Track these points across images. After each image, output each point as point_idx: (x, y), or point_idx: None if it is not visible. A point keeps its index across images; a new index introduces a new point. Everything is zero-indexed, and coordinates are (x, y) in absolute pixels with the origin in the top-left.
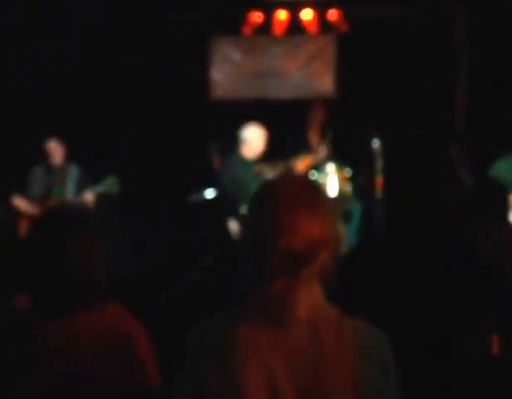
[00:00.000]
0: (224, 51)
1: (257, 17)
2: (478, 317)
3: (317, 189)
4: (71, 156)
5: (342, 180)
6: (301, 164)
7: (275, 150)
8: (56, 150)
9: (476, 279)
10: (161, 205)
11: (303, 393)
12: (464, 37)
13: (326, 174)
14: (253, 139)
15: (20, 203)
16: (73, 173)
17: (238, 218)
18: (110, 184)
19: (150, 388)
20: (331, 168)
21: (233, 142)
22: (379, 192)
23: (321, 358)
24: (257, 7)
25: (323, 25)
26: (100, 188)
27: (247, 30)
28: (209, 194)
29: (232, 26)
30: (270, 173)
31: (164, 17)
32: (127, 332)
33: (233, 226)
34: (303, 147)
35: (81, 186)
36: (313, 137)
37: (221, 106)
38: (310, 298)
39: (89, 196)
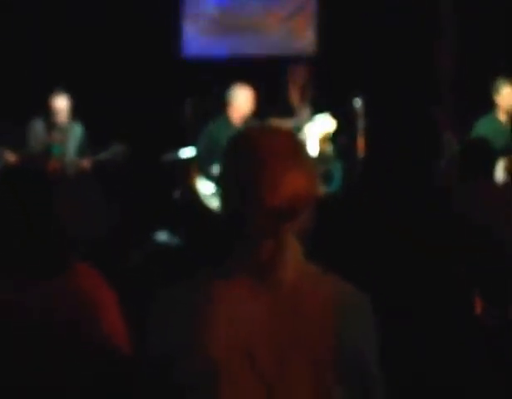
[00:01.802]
0: (198, 5)
1: None
2: (460, 278)
3: (300, 143)
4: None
5: (322, 140)
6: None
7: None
8: (61, 108)
9: (459, 240)
10: (135, 165)
11: (280, 354)
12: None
13: (306, 134)
14: (240, 101)
15: (10, 158)
16: (76, 132)
17: (210, 178)
18: (116, 151)
19: (121, 356)
20: (311, 126)
21: (212, 101)
22: (360, 152)
23: (301, 319)
24: None
25: None
26: (105, 155)
27: None
28: (184, 153)
29: None
30: None
31: None
32: (98, 297)
33: (203, 186)
34: (284, 108)
35: (83, 147)
36: (294, 98)
37: (196, 63)
38: (294, 259)
39: (86, 163)
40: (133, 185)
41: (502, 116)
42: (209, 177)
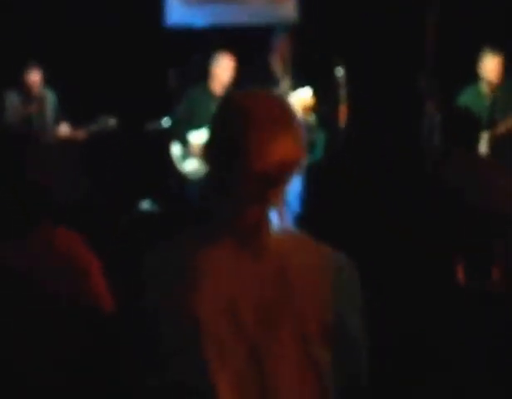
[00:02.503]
0: None
1: None
2: (442, 244)
3: (289, 108)
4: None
5: (304, 108)
6: None
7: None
8: (36, 81)
9: (442, 207)
10: (118, 134)
11: (265, 317)
12: None
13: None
14: (221, 70)
15: None
16: (51, 100)
17: (185, 144)
18: (107, 123)
19: (104, 316)
20: (294, 95)
21: (195, 70)
22: (343, 121)
23: (286, 284)
24: None
25: None
26: (96, 126)
27: None
28: (167, 122)
29: None
30: None
31: None
32: (81, 260)
33: (176, 151)
34: (266, 77)
35: (58, 113)
36: (277, 67)
37: (178, 32)
38: (280, 222)
39: (65, 129)
40: (119, 154)
41: (486, 88)
42: (185, 143)
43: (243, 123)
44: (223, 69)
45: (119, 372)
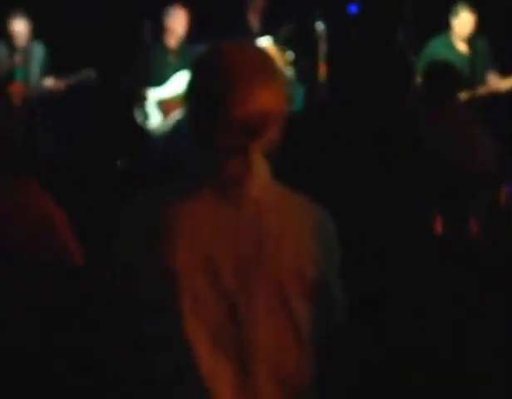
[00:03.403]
0: None
1: None
2: (420, 198)
3: (272, 59)
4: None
5: (283, 64)
6: None
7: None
8: (21, 31)
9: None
10: (97, 86)
11: (244, 269)
12: None
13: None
14: (174, 24)
15: None
16: (38, 53)
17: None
18: (86, 75)
19: (70, 266)
20: (272, 51)
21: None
22: (322, 77)
23: (265, 237)
24: None
25: None
26: (76, 78)
27: None
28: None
29: None
30: None
31: None
32: (46, 211)
33: (137, 111)
34: (243, 32)
35: (46, 68)
36: (254, 22)
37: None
38: (261, 176)
39: (49, 82)
40: (97, 107)
41: (458, 43)
42: (145, 100)
43: (225, 71)
44: (177, 22)
45: (91, 329)
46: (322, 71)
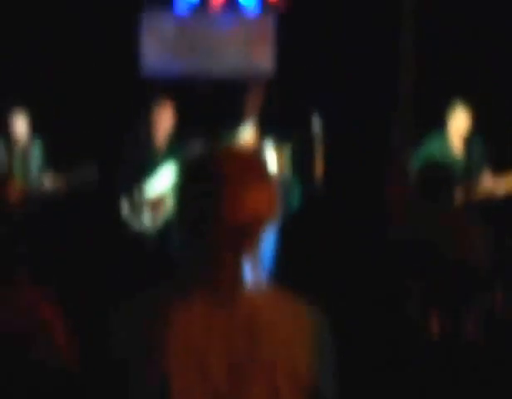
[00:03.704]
0: (155, 27)
1: None
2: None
3: (263, 161)
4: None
5: (280, 161)
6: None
7: (212, 129)
8: (21, 126)
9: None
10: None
11: (236, 373)
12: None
13: (264, 155)
14: (163, 121)
15: None
16: (36, 150)
17: (131, 201)
18: (86, 173)
19: (67, 373)
20: (269, 148)
21: None
22: (319, 174)
23: (259, 338)
24: None
25: (263, 3)
26: (75, 176)
27: (181, 6)
28: None
29: (165, 0)
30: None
31: None
32: (46, 317)
33: (124, 207)
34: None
35: (44, 164)
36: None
37: (154, 82)
38: (254, 275)
39: (48, 180)
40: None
41: (455, 141)
42: (133, 199)
43: (215, 174)
44: (164, 118)
45: None
46: (319, 167)
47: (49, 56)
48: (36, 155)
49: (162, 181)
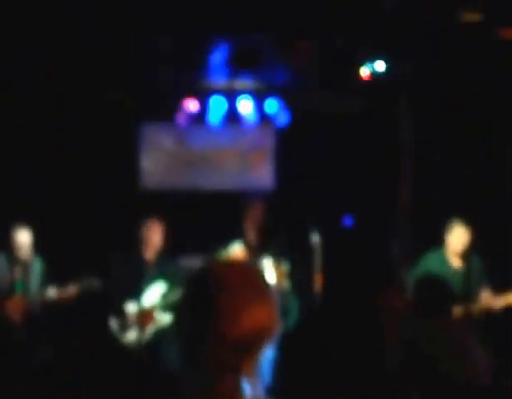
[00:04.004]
0: (155, 138)
1: (192, 104)
2: None
3: (262, 276)
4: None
5: (279, 276)
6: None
7: (210, 243)
8: (25, 243)
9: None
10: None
11: None
12: (408, 134)
13: (263, 269)
14: (152, 236)
15: None
16: (37, 267)
17: (121, 314)
18: (89, 284)
19: None
20: (268, 263)
21: None
22: (318, 288)
23: None
24: (192, 94)
25: (262, 115)
26: (78, 286)
27: (181, 118)
28: None
29: (165, 112)
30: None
31: (92, 100)
32: None
33: (113, 324)
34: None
35: (44, 280)
36: (251, 234)
37: (153, 196)
38: (253, 392)
39: (52, 292)
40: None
41: (452, 258)
42: (121, 313)
43: (217, 290)
44: (153, 234)
45: None
46: (318, 282)
47: (50, 171)
48: (37, 272)
49: (151, 295)
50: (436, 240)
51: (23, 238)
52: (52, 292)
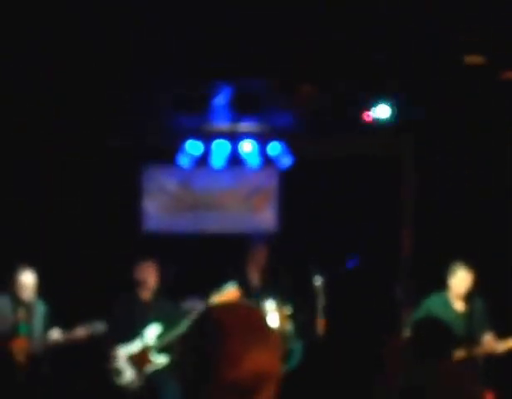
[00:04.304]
0: (158, 181)
1: (195, 147)
2: None
3: (264, 319)
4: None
5: (282, 318)
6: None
7: (212, 285)
8: (29, 284)
9: None
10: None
11: None
12: (410, 177)
13: (266, 312)
14: (147, 278)
15: None
16: (40, 309)
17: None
18: (97, 328)
19: None
20: (271, 305)
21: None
22: (321, 331)
23: None
24: (195, 136)
25: (265, 158)
26: (84, 329)
27: (184, 160)
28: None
29: (167, 155)
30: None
31: (95, 144)
32: None
33: (110, 365)
34: (242, 285)
35: (47, 323)
36: (253, 277)
37: (156, 239)
38: None
39: (56, 335)
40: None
41: (455, 301)
42: (117, 354)
43: (217, 332)
44: (148, 275)
45: None
46: (321, 325)
47: (54, 214)
48: (40, 314)
49: (146, 337)
50: (438, 283)
51: (27, 279)
52: (57, 334)
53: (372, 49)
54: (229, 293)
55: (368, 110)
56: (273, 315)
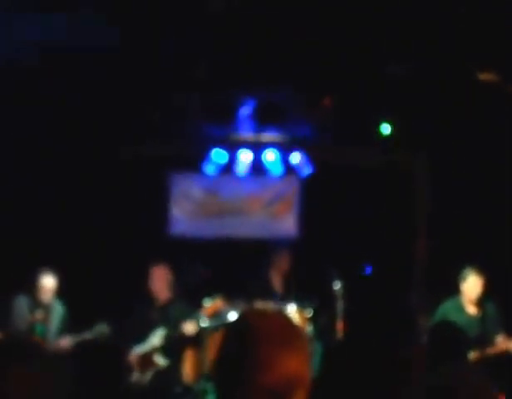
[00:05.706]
0: (184, 188)
1: (220, 155)
2: None
3: (295, 326)
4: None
5: (302, 321)
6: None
7: (236, 290)
8: (50, 287)
9: None
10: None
11: None
12: (423, 188)
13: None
14: (157, 284)
15: None
16: (58, 311)
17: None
18: (99, 331)
19: None
20: (291, 308)
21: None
22: (340, 334)
23: None
24: (220, 145)
25: (286, 166)
26: (89, 334)
27: (210, 168)
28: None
29: (194, 163)
30: (232, 313)
31: (123, 151)
32: None
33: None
34: (265, 291)
35: (65, 325)
36: (276, 282)
37: (182, 244)
38: None
39: (65, 342)
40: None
41: (468, 306)
42: (124, 356)
43: (252, 338)
44: (157, 280)
45: None
46: (340, 329)
47: (81, 218)
48: (57, 316)
49: (153, 338)
50: (451, 291)
51: (48, 282)
52: (65, 341)
53: (388, 64)
54: (215, 302)
55: (385, 123)
56: (294, 318)
